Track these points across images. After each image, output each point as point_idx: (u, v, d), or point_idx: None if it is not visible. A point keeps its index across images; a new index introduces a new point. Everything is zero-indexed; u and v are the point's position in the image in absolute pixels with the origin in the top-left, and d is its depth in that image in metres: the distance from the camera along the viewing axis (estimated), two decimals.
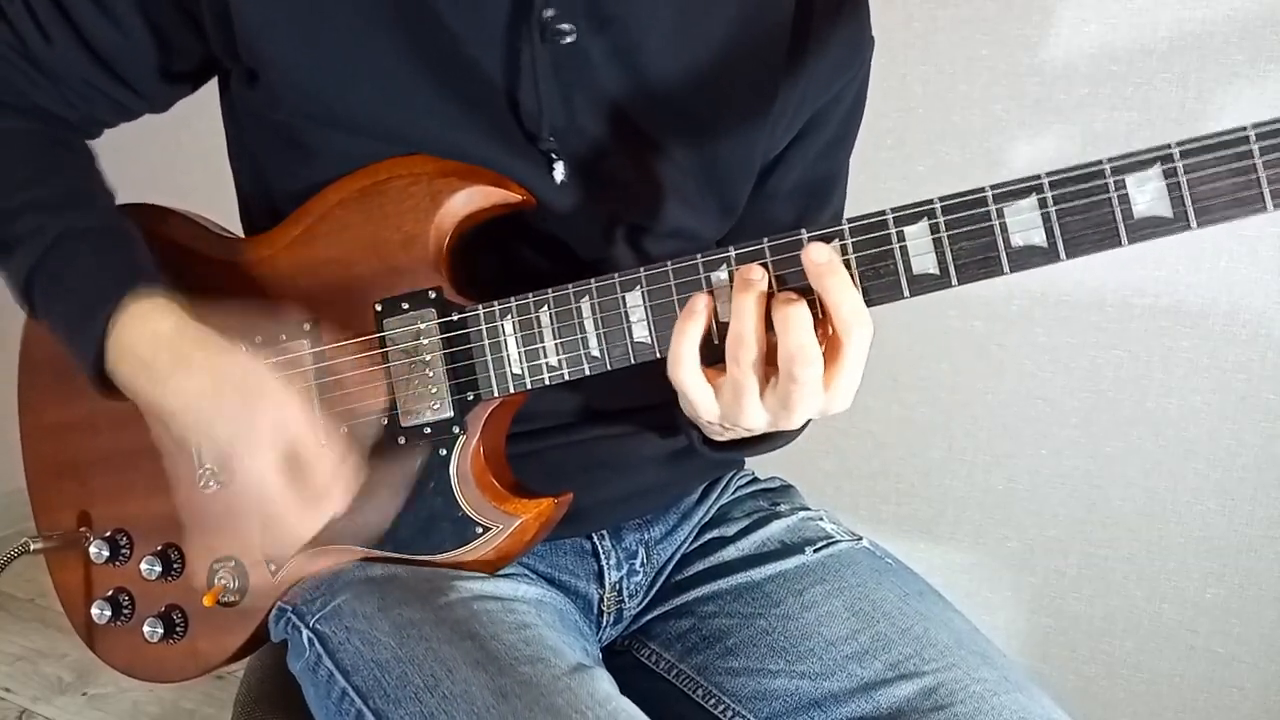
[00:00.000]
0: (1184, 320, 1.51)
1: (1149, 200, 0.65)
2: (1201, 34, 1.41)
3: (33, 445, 0.95)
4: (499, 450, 0.84)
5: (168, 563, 0.88)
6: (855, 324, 0.68)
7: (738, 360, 0.69)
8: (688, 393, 0.72)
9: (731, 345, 0.69)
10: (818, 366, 0.68)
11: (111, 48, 0.84)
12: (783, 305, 0.68)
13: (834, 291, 0.68)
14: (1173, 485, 1.58)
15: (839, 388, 0.69)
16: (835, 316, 0.68)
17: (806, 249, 0.69)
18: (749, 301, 0.69)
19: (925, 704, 0.80)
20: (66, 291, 0.81)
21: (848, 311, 0.68)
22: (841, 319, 0.68)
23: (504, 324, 0.79)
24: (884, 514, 1.80)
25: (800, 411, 0.70)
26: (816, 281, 0.68)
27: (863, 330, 0.68)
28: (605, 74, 0.83)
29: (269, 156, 0.88)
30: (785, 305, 0.68)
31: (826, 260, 0.68)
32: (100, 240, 0.82)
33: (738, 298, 0.69)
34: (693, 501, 1.00)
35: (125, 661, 0.92)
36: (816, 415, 0.72)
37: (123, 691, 1.95)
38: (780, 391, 0.69)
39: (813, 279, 0.68)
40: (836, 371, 0.69)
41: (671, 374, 0.72)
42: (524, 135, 0.82)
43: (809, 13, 0.88)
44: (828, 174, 0.97)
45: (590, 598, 0.93)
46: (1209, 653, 1.61)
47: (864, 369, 0.70)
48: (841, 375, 0.69)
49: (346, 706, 0.76)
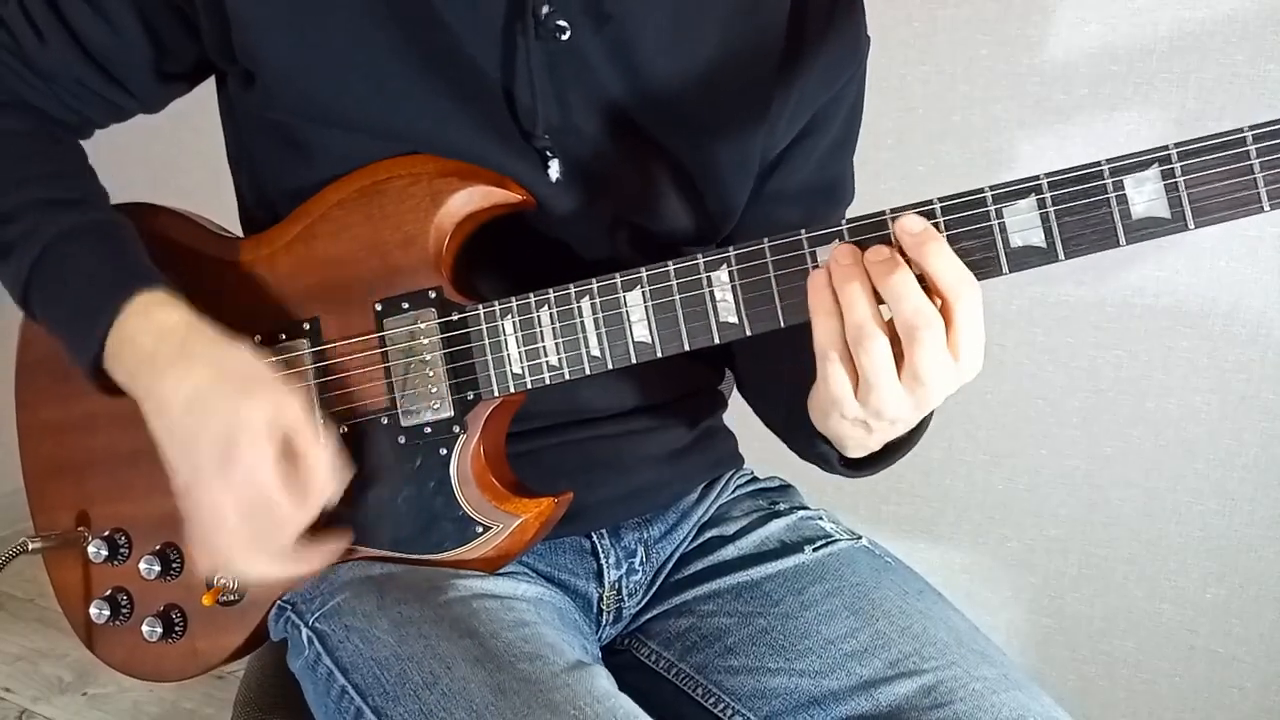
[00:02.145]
0: (1184, 320, 1.51)
1: (1147, 201, 0.65)
2: (1201, 34, 1.41)
3: (30, 445, 0.94)
4: (499, 449, 0.84)
5: (167, 562, 0.88)
6: (963, 285, 0.67)
7: (864, 349, 0.68)
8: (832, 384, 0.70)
9: (853, 337, 0.68)
10: (938, 326, 0.66)
11: (105, 48, 0.84)
12: (886, 276, 0.66)
13: (934, 258, 0.67)
14: (1173, 485, 1.58)
15: (964, 351, 0.68)
16: (940, 283, 0.67)
17: (899, 221, 0.68)
18: (855, 289, 0.67)
19: (924, 702, 0.80)
20: (66, 290, 0.81)
21: (953, 277, 0.67)
22: (948, 284, 0.67)
23: (504, 324, 0.79)
24: (884, 514, 1.80)
25: (935, 379, 0.68)
26: (915, 251, 0.67)
27: (971, 291, 0.67)
28: (602, 72, 0.83)
29: (267, 156, 0.88)
30: (889, 275, 0.66)
31: (922, 229, 0.67)
32: (99, 239, 0.82)
33: (843, 289, 0.68)
34: (692, 500, 1.00)
35: (124, 661, 0.92)
36: (955, 385, 0.70)
37: (123, 691, 1.95)
38: (910, 365, 0.67)
39: (910, 250, 0.67)
40: (955, 335, 0.67)
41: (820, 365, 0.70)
42: (520, 133, 0.82)
43: (804, 12, 0.88)
44: (836, 176, 0.97)
45: (589, 596, 0.93)
46: (1209, 653, 1.61)
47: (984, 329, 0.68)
48: (963, 338, 0.67)
49: (345, 704, 0.76)
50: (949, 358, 0.68)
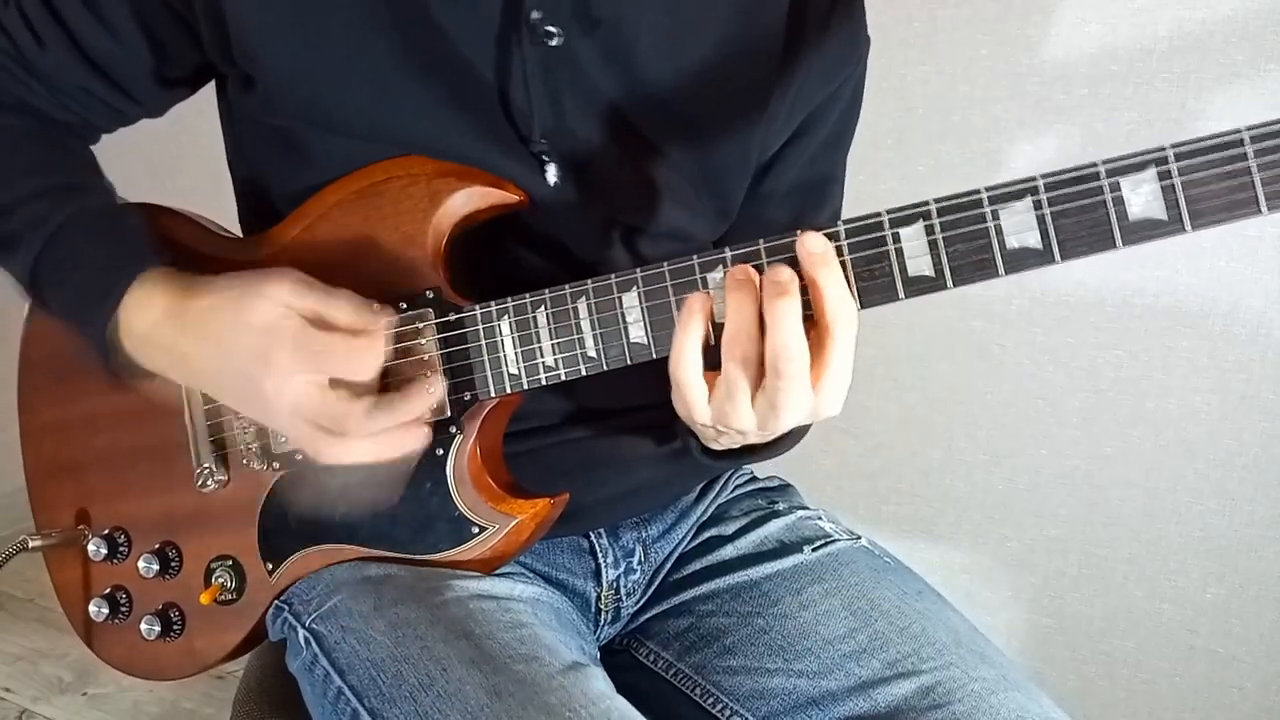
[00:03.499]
0: (1184, 320, 1.51)
1: (1144, 203, 0.65)
2: (1201, 34, 1.40)
3: (32, 443, 0.95)
4: (496, 450, 0.84)
5: (165, 561, 0.88)
6: (841, 314, 0.67)
7: (734, 356, 0.69)
8: (684, 391, 0.72)
9: (728, 343, 0.69)
10: (803, 361, 0.67)
11: (106, 54, 0.84)
12: (774, 299, 0.67)
13: (824, 282, 0.67)
14: (1173, 485, 1.58)
15: (827, 387, 0.69)
16: (823, 308, 0.67)
17: (802, 238, 0.68)
18: (743, 298, 0.68)
19: (923, 702, 0.80)
20: (76, 273, 0.81)
21: (834, 303, 0.67)
22: (829, 310, 0.67)
23: (501, 324, 0.79)
24: (884, 514, 1.80)
25: (788, 412, 0.69)
26: (809, 271, 0.68)
27: (848, 322, 0.68)
28: (596, 76, 0.83)
29: (266, 159, 0.88)
30: (776, 299, 0.67)
31: (821, 250, 0.68)
32: (107, 224, 0.83)
33: (732, 295, 0.69)
34: (691, 500, 1.01)
35: (122, 659, 0.92)
36: (806, 419, 0.71)
37: (123, 691, 1.95)
38: (769, 390, 0.68)
39: (805, 268, 0.68)
40: (824, 368, 0.68)
41: (672, 371, 0.71)
42: (517, 137, 0.82)
43: (804, 11, 0.88)
44: (825, 174, 0.97)
45: (588, 596, 0.93)
46: (1209, 653, 1.61)
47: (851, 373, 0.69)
48: (829, 372, 0.68)
49: (342, 706, 0.76)
50: (809, 393, 0.68)
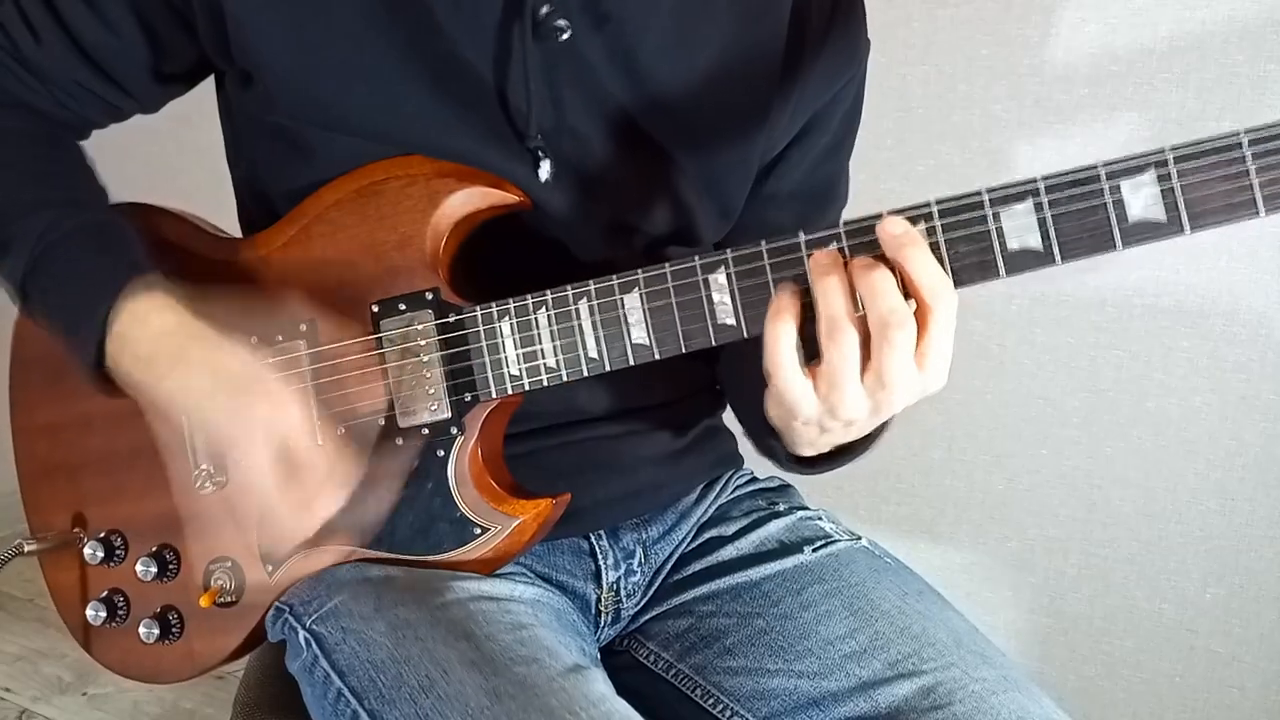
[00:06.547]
0: (1184, 320, 1.51)
1: (1144, 205, 0.65)
2: (1201, 34, 1.40)
3: (25, 445, 0.94)
4: (497, 451, 0.84)
5: (163, 563, 0.87)
6: (940, 292, 0.67)
7: (835, 342, 0.68)
8: (788, 392, 0.70)
9: (827, 329, 0.68)
10: (911, 329, 0.67)
11: (103, 48, 0.84)
12: (866, 273, 0.67)
13: (914, 261, 0.67)
14: (1173, 485, 1.58)
15: (931, 361, 0.68)
16: (918, 286, 0.67)
17: (883, 222, 0.68)
18: (833, 282, 0.68)
19: (924, 703, 0.80)
20: (63, 290, 0.81)
21: (930, 280, 0.67)
22: (925, 287, 0.67)
23: (501, 325, 0.79)
24: (884, 514, 1.79)
25: (899, 387, 0.68)
26: (895, 253, 0.67)
27: (948, 298, 0.67)
28: (601, 73, 0.83)
29: (265, 157, 0.88)
30: (869, 273, 0.67)
31: (904, 231, 0.67)
32: (95, 237, 0.82)
33: (820, 282, 0.68)
34: (691, 501, 1.00)
35: (121, 662, 0.92)
36: (916, 395, 0.70)
37: (123, 691, 1.95)
38: (875, 365, 0.67)
39: (891, 251, 0.68)
40: (926, 342, 0.68)
41: (772, 376, 0.70)
42: (514, 133, 0.82)
43: (805, 17, 0.88)
44: (829, 177, 0.97)
45: (588, 597, 0.93)
46: (1209, 653, 1.61)
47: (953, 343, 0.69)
48: (931, 346, 0.68)
49: (342, 707, 0.76)
50: (915, 364, 0.68)
